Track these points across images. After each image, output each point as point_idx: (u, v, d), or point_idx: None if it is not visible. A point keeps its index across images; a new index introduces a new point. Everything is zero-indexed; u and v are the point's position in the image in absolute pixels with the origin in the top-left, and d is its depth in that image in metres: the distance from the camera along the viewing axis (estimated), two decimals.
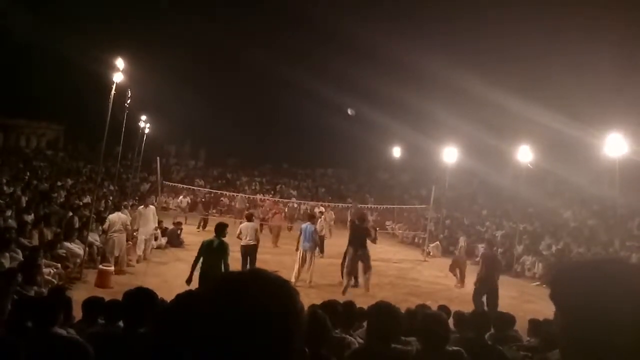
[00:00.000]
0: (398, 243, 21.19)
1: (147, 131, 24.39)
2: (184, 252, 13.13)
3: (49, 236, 9.85)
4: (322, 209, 18.76)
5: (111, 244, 10.13)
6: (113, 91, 10.57)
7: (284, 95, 32.59)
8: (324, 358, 2.91)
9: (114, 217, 10.52)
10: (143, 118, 22.98)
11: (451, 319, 5.05)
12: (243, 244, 10.27)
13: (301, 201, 26.18)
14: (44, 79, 28.78)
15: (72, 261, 9.32)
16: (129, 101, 14.31)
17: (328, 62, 30.46)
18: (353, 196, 29.27)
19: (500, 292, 9.28)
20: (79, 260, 9.50)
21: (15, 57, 29.42)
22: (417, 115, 28.00)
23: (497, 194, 23.45)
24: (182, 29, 33.12)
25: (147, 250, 11.93)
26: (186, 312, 1.69)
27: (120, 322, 3.33)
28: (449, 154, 20.71)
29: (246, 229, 10.36)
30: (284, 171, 35.36)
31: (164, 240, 13.93)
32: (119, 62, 11.07)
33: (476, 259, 13.29)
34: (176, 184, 24.23)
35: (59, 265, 8.45)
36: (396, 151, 32.20)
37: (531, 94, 20.59)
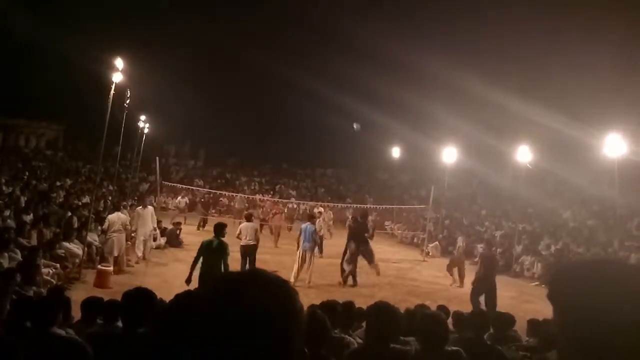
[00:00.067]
0: (397, 243, 21.18)
1: (146, 131, 24.41)
2: (183, 252, 13.14)
3: (47, 236, 9.86)
4: (320, 209, 18.77)
5: (110, 244, 10.13)
6: (112, 91, 10.58)
7: (284, 95, 32.66)
8: (323, 358, 2.91)
9: (114, 217, 10.53)
10: (142, 118, 23.00)
11: (450, 319, 5.04)
12: (243, 244, 10.29)
13: (300, 201, 26.17)
14: (44, 79, 28.78)
15: (71, 261, 9.33)
16: (128, 101, 14.31)
17: (328, 62, 30.49)
18: (353, 196, 29.24)
19: (499, 292, 9.31)
20: (77, 261, 9.50)
21: (15, 57, 29.44)
22: (417, 116, 28.06)
23: (496, 194, 23.43)
24: (182, 29, 33.14)
25: (146, 251, 11.93)
26: (185, 312, 1.70)
27: (119, 322, 3.33)
28: (449, 154, 20.73)
29: (246, 229, 10.37)
30: (283, 171, 35.33)
31: (163, 241, 13.93)
32: (119, 62, 11.10)
33: (475, 259, 13.29)
34: (175, 184, 24.18)
35: (57, 266, 8.45)
36: (396, 151, 32.24)
37: (531, 94, 20.61)
